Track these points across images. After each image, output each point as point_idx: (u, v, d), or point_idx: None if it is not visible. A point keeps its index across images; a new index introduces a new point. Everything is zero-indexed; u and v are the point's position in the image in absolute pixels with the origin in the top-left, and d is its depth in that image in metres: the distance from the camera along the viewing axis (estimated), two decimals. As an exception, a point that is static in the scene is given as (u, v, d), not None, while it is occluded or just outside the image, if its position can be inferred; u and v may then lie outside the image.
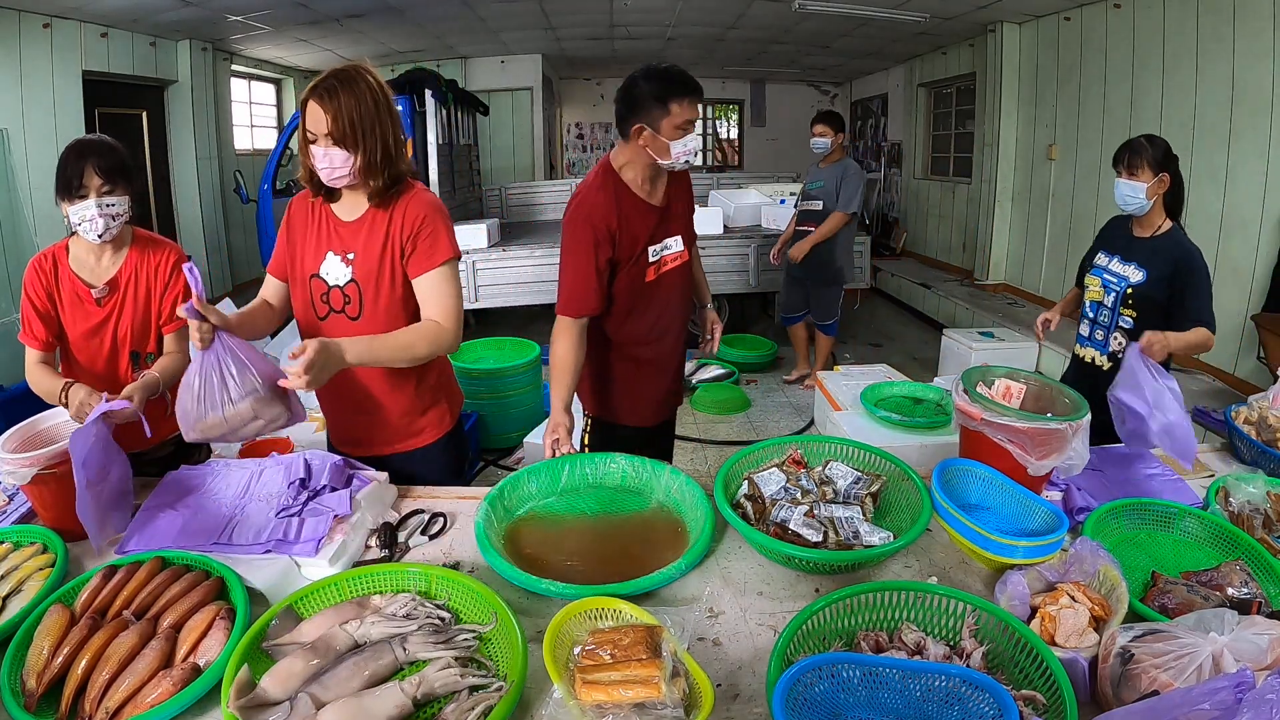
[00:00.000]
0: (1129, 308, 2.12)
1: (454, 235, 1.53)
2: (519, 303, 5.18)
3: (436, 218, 1.49)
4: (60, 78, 5.00)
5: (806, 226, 4.24)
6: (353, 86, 1.39)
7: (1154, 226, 2.12)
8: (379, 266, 1.49)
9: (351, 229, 1.50)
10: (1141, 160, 2.05)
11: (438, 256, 1.48)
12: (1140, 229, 2.15)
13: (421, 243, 1.47)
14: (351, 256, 1.50)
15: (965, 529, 1.19)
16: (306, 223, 1.55)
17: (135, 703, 0.95)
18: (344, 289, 1.51)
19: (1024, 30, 5.99)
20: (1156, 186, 2.06)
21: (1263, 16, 3.62)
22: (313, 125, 1.39)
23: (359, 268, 1.50)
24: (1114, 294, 2.15)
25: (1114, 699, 0.90)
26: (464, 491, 1.59)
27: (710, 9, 6.30)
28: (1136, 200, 2.07)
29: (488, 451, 3.69)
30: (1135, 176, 2.06)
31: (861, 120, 9.95)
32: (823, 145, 4.12)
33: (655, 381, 1.99)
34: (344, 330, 1.51)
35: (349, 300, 1.52)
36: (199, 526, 1.33)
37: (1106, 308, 2.17)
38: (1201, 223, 4.09)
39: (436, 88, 5.08)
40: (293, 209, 1.58)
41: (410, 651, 1.02)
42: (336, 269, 1.51)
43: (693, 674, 0.93)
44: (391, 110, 1.46)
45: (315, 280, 1.53)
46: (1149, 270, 2.07)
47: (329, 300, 1.53)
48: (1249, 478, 1.45)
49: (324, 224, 1.53)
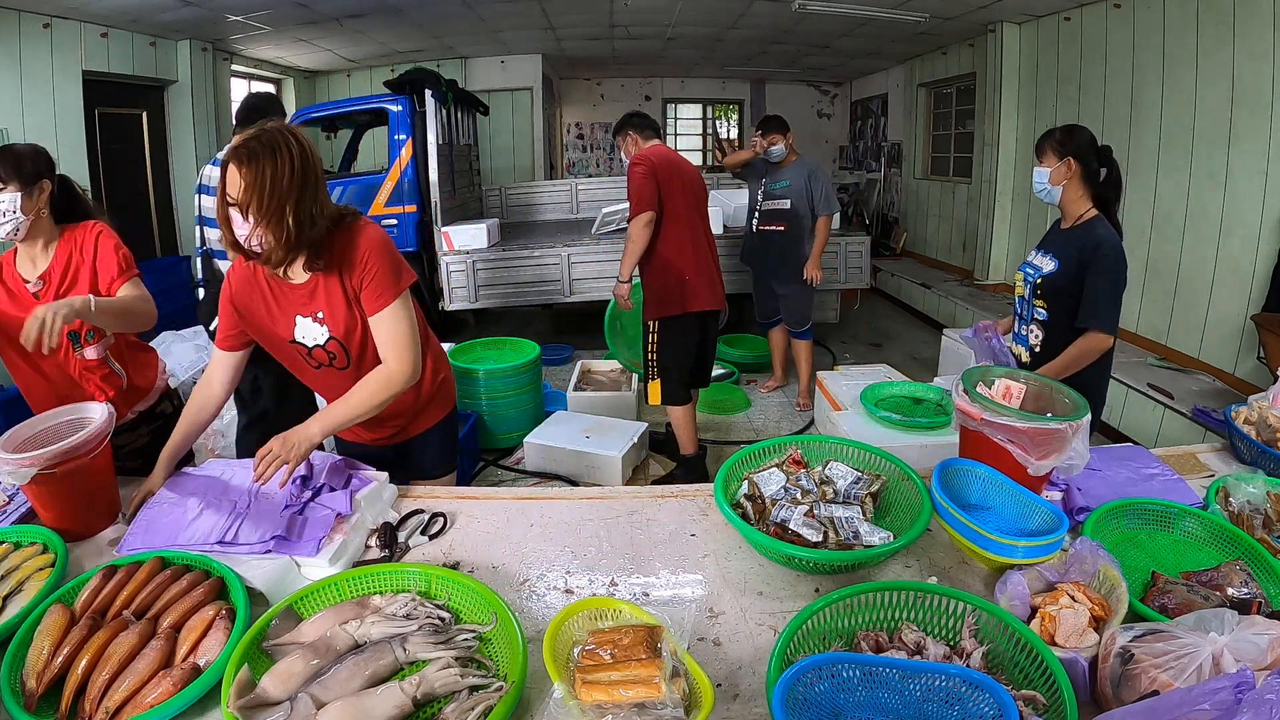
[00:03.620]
0: (1039, 298, 2.09)
1: (399, 265, 1.48)
2: (519, 303, 5.18)
3: (375, 256, 1.43)
4: (60, 78, 5.00)
5: (775, 226, 4.09)
6: (267, 166, 1.31)
7: (1075, 217, 2.07)
8: (349, 316, 1.48)
9: (308, 289, 1.48)
10: (1045, 145, 2.04)
11: (384, 298, 1.45)
12: (1066, 221, 2.11)
13: (366, 287, 1.44)
14: (321, 315, 1.49)
15: (965, 529, 1.19)
16: (253, 293, 1.51)
17: (135, 703, 0.95)
18: (325, 347, 1.51)
19: (1024, 30, 5.99)
20: (1062, 171, 2.02)
21: (1263, 16, 3.61)
22: (230, 189, 1.33)
23: (333, 325, 1.49)
24: (1030, 285, 2.13)
25: (1114, 699, 0.90)
26: (464, 491, 1.59)
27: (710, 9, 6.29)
28: (1042, 186, 2.06)
29: (488, 451, 3.69)
30: (1041, 163, 2.05)
31: (861, 120, 9.94)
32: (779, 152, 4.01)
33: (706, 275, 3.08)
34: (338, 380, 1.54)
35: (334, 356, 1.52)
36: (200, 526, 1.33)
37: (1026, 300, 2.16)
38: (1201, 223, 4.09)
39: (436, 88, 5.07)
40: (233, 281, 1.52)
41: (410, 651, 1.02)
42: (311, 330, 1.50)
43: (693, 674, 0.93)
44: (316, 173, 1.39)
45: (294, 345, 1.53)
46: (1060, 259, 2.03)
47: (313, 358, 1.54)
48: (1249, 478, 1.45)
49: (278, 291, 1.50)
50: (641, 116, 3.22)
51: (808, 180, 3.97)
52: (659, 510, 1.48)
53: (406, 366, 1.47)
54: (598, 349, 5.20)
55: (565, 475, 3.36)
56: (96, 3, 4.84)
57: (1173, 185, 4.28)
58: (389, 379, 1.46)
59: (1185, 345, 4.23)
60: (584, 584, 1.25)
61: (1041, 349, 2.09)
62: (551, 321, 6.30)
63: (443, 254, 4.92)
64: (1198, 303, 4.13)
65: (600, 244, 5.08)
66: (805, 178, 3.98)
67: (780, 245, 4.10)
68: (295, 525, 1.31)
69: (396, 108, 5.36)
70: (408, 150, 5.34)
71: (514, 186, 7.16)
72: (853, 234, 5.36)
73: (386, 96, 5.47)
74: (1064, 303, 2.01)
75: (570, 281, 5.05)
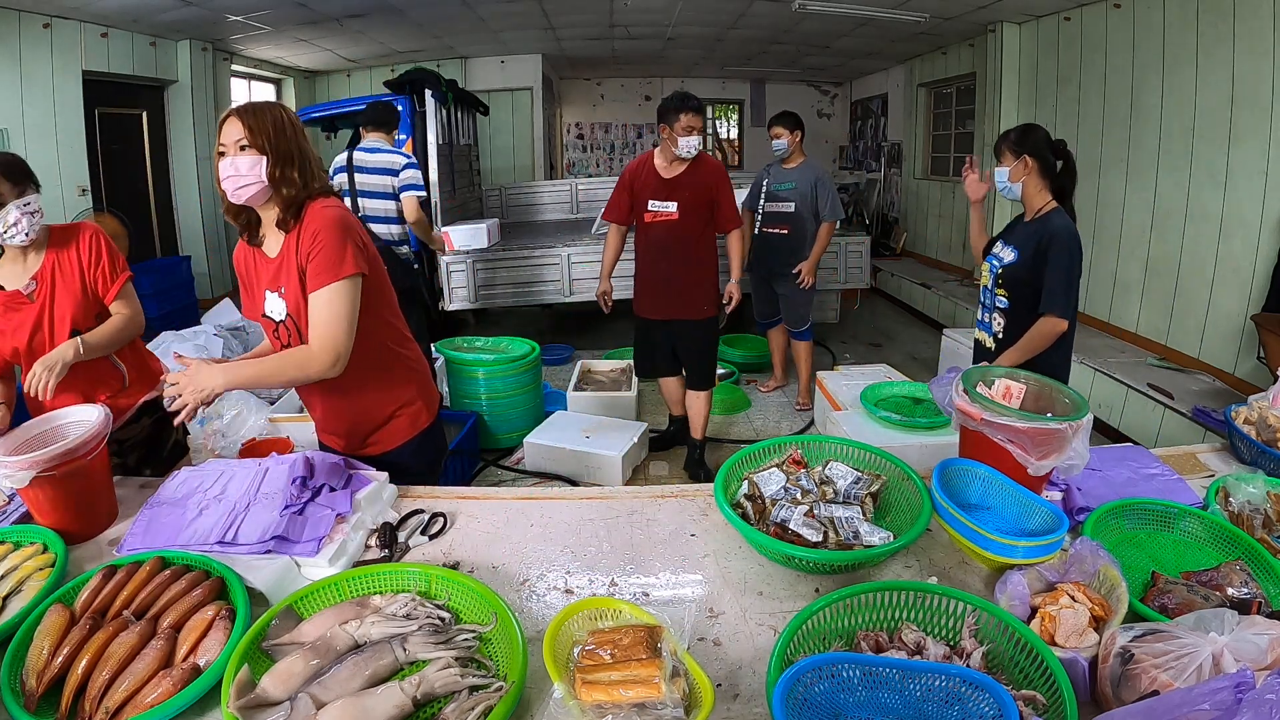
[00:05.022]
0: (1001, 288, 2.20)
1: (352, 251, 1.43)
2: (519, 303, 5.18)
3: (330, 234, 1.41)
4: (60, 78, 5.00)
5: (778, 229, 4.10)
6: (269, 109, 1.44)
7: (1035, 209, 2.16)
8: (299, 293, 1.46)
9: (277, 263, 1.51)
10: (1002, 147, 2.17)
11: (322, 277, 1.40)
12: (1026, 213, 2.20)
13: (312, 262, 1.41)
14: (284, 290, 1.50)
15: (965, 529, 1.19)
16: (250, 268, 1.58)
17: (135, 703, 0.95)
18: (284, 323, 1.52)
19: (1024, 30, 5.99)
20: (1020, 169, 2.13)
21: (1263, 16, 3.61)
22: (225, 138, 1.40)
23: (290, 300, 1.49)
24: (993, 275, 2.24)
25: (1114, 699, 0.90)
26: (464, 491, 1.59)
27: (710, 9, 6.29)
28: (1003, 184, 2.18)
29: (488, 451, 3.69)
30: (1000, 163, 2.18)
31: (861, 120, 9.94)
32: (782, 146, 4.00)
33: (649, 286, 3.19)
34: None
35: (291, 333, 1.53)
36: (200, 526, 1.33)
37: (989, 290, 2.28)
38: (1201, 223, 4.09)
39: (436, 88, 5.07)
40: (237, 258, 1.62)
41: (410, 651, 1.02)
42: (275, 305, 1.52)
43: (693, 674, 0.93)
44: (304, 135, 1.48)
45: (265, 320, 1.56)
46: (1020, 250, 2.14)
47: (279, 335, 1.56)
48: (1249, 478, 1.45)
49: (259, 265, 1.56)
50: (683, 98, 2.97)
51: (814, 186, 3.98)
52: (659, 510, 1.48)
53: (327, 354, 1.40)
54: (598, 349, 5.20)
55: (565, 475, 3.36)
56: (96, 3, 4.84)
57: (1173, 185, 4.28)
58: (306, 359, 1.41)
59: (1185, 345, 4.23)
60: (584, 584, 1.25)
61: (1004, 335, 2.22)
62: (551, 321, 6.30)
63: (443, 254, 4.92)
64: (1198, 303, 4.13)
65: (600, 244, 5.06)
66: (812, 183, 3.98)
67: (782, 248, 4.10)
68: (295, 525, 1.31)
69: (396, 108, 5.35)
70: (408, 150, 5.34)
71: (514, 186, 7.16)
72: (853, 234, 5.35)
73: (386, 96, 5.46)
74: (1023, 292, 2.13)
75: (570, 281, 5.05)
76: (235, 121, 1.40)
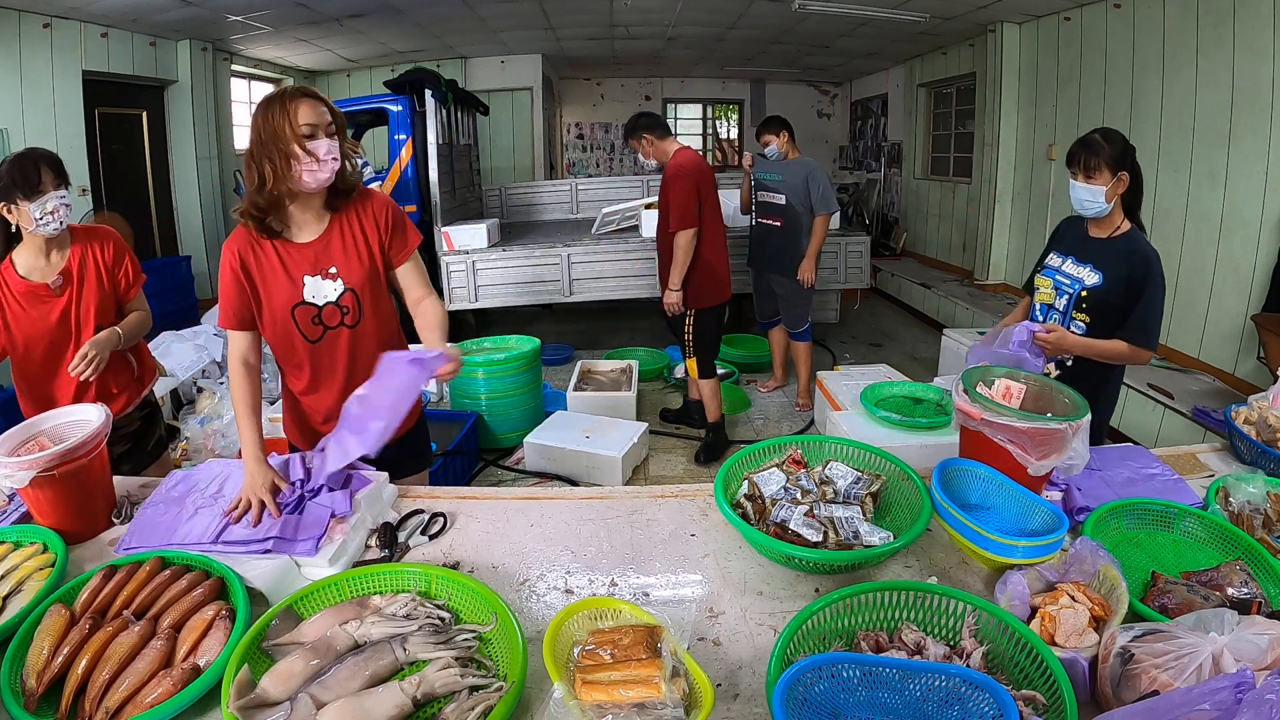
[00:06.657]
0: (1082, 312, 1.94)
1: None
2: (519, 303, 5.18)
3: (396, 208, 1.62)
4: (60, 78, 5.00)
5: (771, 220, 4.11)
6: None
7: (1112, 227, 1.92)
8: (370, 267, 1.54)
9: (318, 246, 1.52)
10: (1099, 161, 1.84)
11: (412, 241, 1.62)
12: (1097, 229, 1.96)
13: (402, 231, 1.60)
14: (334, 270, 1.51)
15: (965, 529, 1.19)
16: (262, 264, 1.51)
17: (135, 703, 0.95)
18: (338, 302, 1.54)
19: (1024, 30, 5.99)
20: (1116, 187, 1.86)
21: (1263, 17, 3.61)
22: (314, 119, 1.41)
23: (349, 277, 1.52)
24: (1066, 297, 1.97)
25: (1114, 699, 0.90)
26: (464, 491, 1.59)
27: (710, 9, 6.29)
28: (1096, 205, 1.88)
29: (488, 451, 3.69)
30: (1093, 179, 1.86)
31: (861, 120, 9.94)
32: (775, 153, 4.02)
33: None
34: (343, 344, 1.57)
35: (347, 310, 1.55)
36: (196, 524, 1.33)
37: (1058, 311, 2.00)
38: (1201, 223, 4.09)
39: (436, 88, 5.07)
40: (241, 253, 1.51)
41: (410, 651, 1.02)
42: (323, 287, 1.52)
43: (693, 674, 0.93)
44: None
45: (301, 308, 1.52)
46: (1105, 273, 1.89)
47: (322, 320, 1.54)
48: (1249, 478, 1.45)
49: (284, 256, 1.51)
50: (651, 117, 3.41)
51: (805, 180, 3.97)
52: (659, 510, 1.48)
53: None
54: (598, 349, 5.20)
55: (565, 475, 3.36)
56: (96, 3, 4.84)
57: (1173, 185, 4.28)
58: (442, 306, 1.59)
59: (1185, 345, 4.23)
60: (584, 584, 1.25)
61: (1074, 362, 1.96)
62: (551, 321, 6.30)
63: (443, 254, 4.91)
64: (1198, 303, 4.13)
65: (600, 244, 5.08)
66: (803, 178, 3.97)
67: (776, 241, 4.12)
68: (290, 525, 1.31)
69: (396, 108, 5.36)
70: (408, 150, 5.35)
71: (514, 186, 7.16)
72: (853, 234, 5.35)
73: (386, 96, 5.46)
74: (1110, 318, 1.89)
75: (570, 281, 5.05)
76: (316, 103, 1.42)
